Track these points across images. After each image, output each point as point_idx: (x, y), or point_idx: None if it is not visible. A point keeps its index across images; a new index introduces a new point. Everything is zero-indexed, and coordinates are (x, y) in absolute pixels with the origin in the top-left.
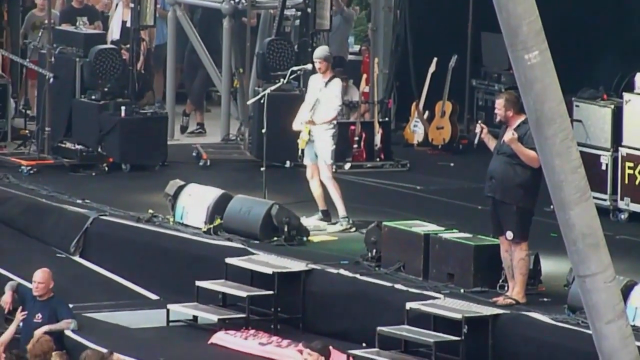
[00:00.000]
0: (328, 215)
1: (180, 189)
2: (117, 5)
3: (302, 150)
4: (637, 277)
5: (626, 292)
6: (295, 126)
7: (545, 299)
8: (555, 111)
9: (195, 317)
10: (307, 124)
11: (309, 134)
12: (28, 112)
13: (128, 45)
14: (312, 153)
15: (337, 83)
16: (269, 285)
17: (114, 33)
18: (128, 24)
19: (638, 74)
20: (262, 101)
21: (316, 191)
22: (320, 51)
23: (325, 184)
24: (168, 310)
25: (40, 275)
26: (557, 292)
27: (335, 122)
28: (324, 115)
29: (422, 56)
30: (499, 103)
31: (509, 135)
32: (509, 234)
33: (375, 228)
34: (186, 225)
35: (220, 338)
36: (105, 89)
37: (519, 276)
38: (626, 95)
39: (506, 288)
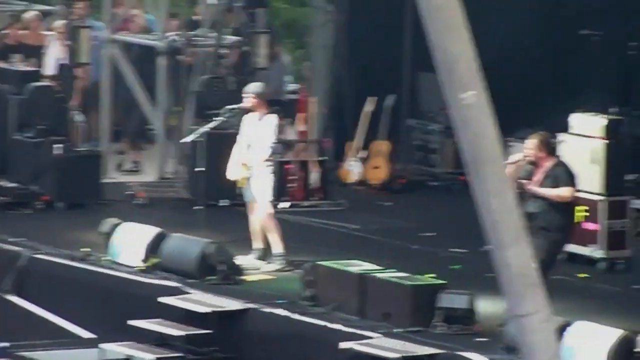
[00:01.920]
0: (264, 252)
1: (115, 227)
2: (51, 42)
3: (241, 189)
4: (572, 317)
5: (561, 332)
6: (230, 175)
7: (480, 339)
8: (491, 151)
9: (129, 357)
10: (244, 165)
11: (247, 171)
12: None
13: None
14: (251, 190)
15: (271, 119)
16: (205, 325)
17: (48, 70)
18: (62, 61)
19: (572, 114)
20: (198, 139)
21: (254, 228)
22: (253, 87)
23: (263, 221)
24: (101, 350)
25: None
26: (493, 332)
27: (272, 159)
28: (259, 153)
29: (359, 95)
30: (532, 143)
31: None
32: None
33: (311, 267)
34: (121, 264)
35: None
36: (41, 127)
37: None
38: (561, 136)
39: None
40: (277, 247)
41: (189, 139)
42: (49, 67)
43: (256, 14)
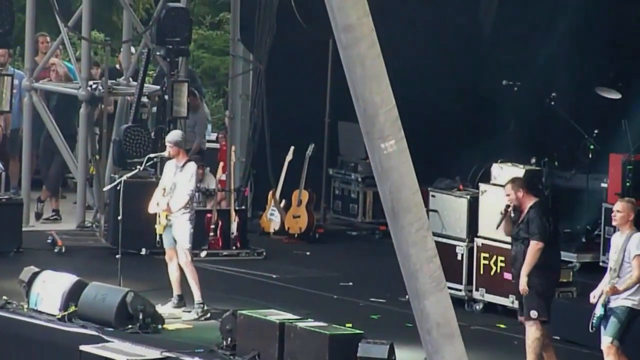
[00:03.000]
0: (182, 299)
1: (34, 275)
2: None
3: (160, 236)
4: None
5: None
6: (151, 209)
7: None
8: (410, 200)
9: None
10: (164, 212)
11: (167, 218)
12: None
13: None
14: (170, 237)
15: (190, 167)
16: None
17: None
18: None
19: (494, 164)
20: (118, 188)
21: (173, 275)
22: (172, 136)
23: (183, 268)
24: None
25: None
26: None
27: (191, 206)
28: (178, 200)
29: (279, 144)
30: (507, 188)
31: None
32: (533, 313)
33: (230, 316)
34: (40, 312)
35: None
36: None
37: (532, 355)
38: (482, 186)
39: None
40: (197, 295)
41: (108, 187)
42: None
43: (177, 62)
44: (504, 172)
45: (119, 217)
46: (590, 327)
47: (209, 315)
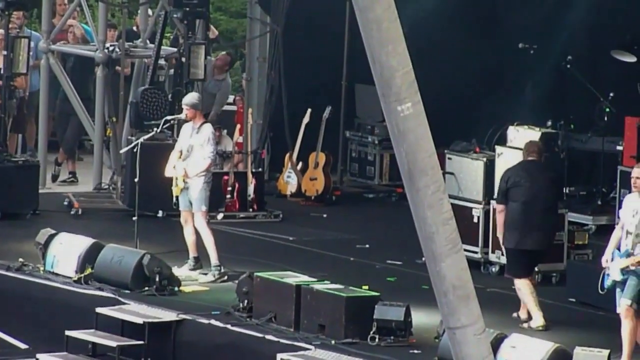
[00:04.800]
0: (198, 261)
1: (51, 237)
2: None
3: (177, 197)
4: (507, 330)
5: (496, 345)
6: (168, 173)
7: (415, 351)
8: (427, 163)
9: None
10: (182, 176)
11: (184, 181)
12: None
13: None
14: (187, 200)
15: (207, 129)
16: (139, 335)
17: None
18: None
19: (510, 127)
20: (135, 150)
21: (189, 238)
22: (189, 98)
23: (199, 231)
24: None
25: None
26: (427, 344)
27: (208, 169)
28: (198, 165)
29: (296, 107)
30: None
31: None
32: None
33: (247, 279)
34: (57, 275)
35: None
36: None
37: (523, 304)
38: (498, 149)
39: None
40: (213, 257)
41: (125, 149)
42: None
43: (194, 25)
44: (520, 134)
45: (136, 180)
46: (600, 289)
47: (225, 277)
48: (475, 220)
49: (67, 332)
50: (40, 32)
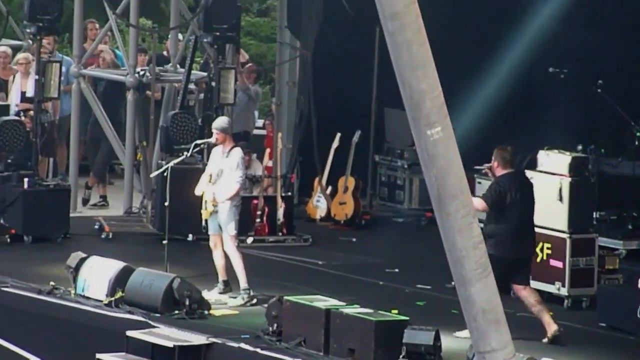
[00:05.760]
0: (228, 285)
1: (81, 261)
2: (14, 75)
3: (206, 221)
4: (537, 354)
5: None
6: (198, 191)
7: None
8: (457, 187)
9: None
10: (212, 200)
11: (213, 205)
12: None
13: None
14: (216, 224)
15: (237, 153)
16: (169, 359)
17: (13, 103)
18: (27, 94)
19: (541, 152)
20: (165, 174)
21: (219, 262)
22: (219, 122)
23: (228, 255)
24: None
25: None
26: None
27: (238, 193)
28: (227, 189)
29: (325, 131)
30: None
31: None
32: None
33: (276, 302)
34: (87, 298)
35: None
36: (9, 160)
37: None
38: (528, 173)
39: None
40: (242, 281)
41: (155, 173)
42: (13, 100)
43: (224, 49)
44: (551, 159)
45: (166, 203)
46: (639, 314)
47: (255, 301)
48: None
49: (98, 355)
50: (72, 56)
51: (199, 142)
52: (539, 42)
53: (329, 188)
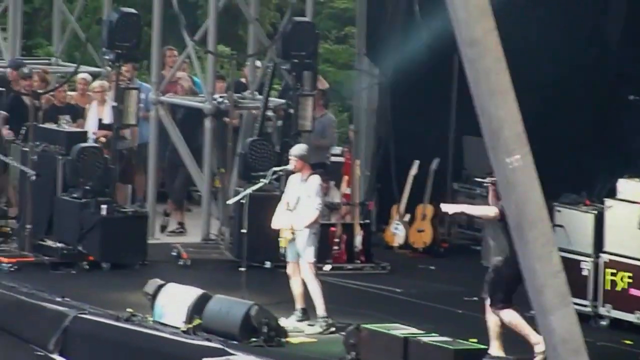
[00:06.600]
0: (306, 313)
1: (159, 288)
2: (91, 103)
3: (284, 249)
4: None
5: None
6: (275, 225)
7: None
8: (536, 215)
9: None
10: (289, 229)
11: (291, 232)
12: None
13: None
14: (294, 251)
15: (315, 180)
16: None
17: (90, 130)
18: (104, 121)
19: (620, 179)
20: (243, 201)
21: (296, 289)
22: (297, 149)
23: (306, 282)
24: None
25: None
26: None
27: (316, 221)
28: (305, 216)
29: (403, 159)
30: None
31: None
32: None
33: (354, 330)
34: (165, 325)
35: None
36: (87, 187)
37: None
38: (608, 201)
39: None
40: (320, 309)
41: (233, 200)
42: (90, 127)
43: (302, 76)
44: (631, 187)
45: (244, 230)
46: None
47: (332, 329)
48: (585, 273)
49: None
50: (150, 83)
51: (276, 169)
52: (620, 69)
53: (407, 215)
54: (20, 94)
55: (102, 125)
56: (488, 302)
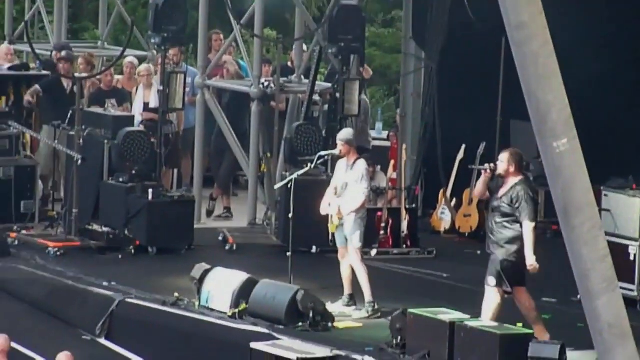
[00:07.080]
0: (353, 298)
1: (206, 273)
2: (137, 87)
3: (333, 234)
4: None
5: None
6: (323, 210)
7: None
8: (583, 200)
9: None
10: (337, 215)
11: (339, 218)
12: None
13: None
14: (343, 236)
15: (361, 164)
16: None
17: (137, 114)
18: (150, 105)
19: None
20: (289, 186)
21: (345, 273)
22: (343, 134)
23: (353, 267)
24: None
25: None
26: None
27: (363, 206)
28: (352, 201)
29: (450, 143)
30: (504, 156)
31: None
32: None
33: (400, 315)
34: (211, 310)
35: None
36: (133, 172)
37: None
38: None
39: None
40: (367, 294)
41: (280, 185)
42: (136, 111)
43: (349, 60)
44: None
45: (290, 215)
46: None
47: (379, 314)
48: (632, 257)
49: None
50: (196, 67)
51: (323, 153)
52: None
53: (454, 200)
54: (62, 76)
55: (148, 110)
56: (509, 290)
